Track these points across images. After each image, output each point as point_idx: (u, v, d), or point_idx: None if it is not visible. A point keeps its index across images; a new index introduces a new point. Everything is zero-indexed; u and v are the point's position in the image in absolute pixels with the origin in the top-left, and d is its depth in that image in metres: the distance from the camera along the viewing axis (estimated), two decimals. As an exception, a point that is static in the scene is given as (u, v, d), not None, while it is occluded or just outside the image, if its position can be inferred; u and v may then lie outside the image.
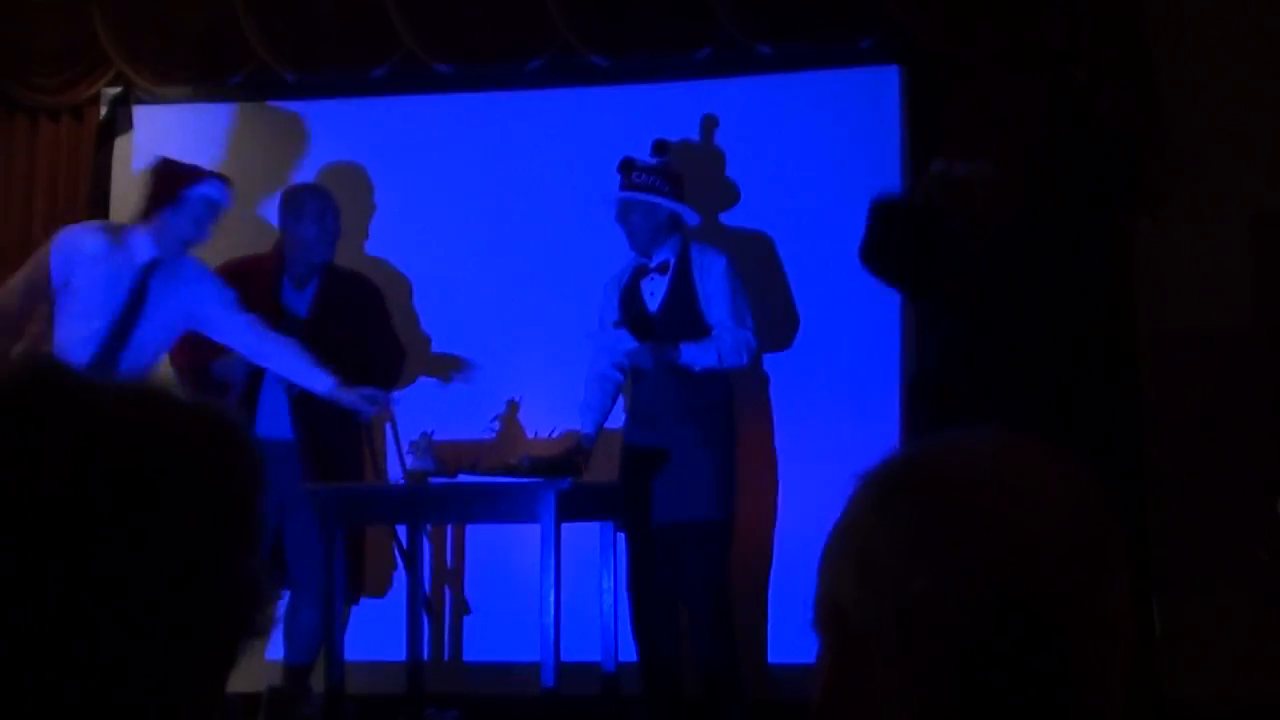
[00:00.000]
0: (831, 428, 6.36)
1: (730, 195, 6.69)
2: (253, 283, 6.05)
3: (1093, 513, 1.03)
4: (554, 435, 6.51)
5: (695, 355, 5.85)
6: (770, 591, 6.36)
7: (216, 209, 5.79)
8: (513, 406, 6.60)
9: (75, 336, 5.63)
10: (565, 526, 5.29)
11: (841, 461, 6.13)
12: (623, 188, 6.01)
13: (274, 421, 5.98)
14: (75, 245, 5.72)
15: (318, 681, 5.72)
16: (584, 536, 5.78)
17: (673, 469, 5.84)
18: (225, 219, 5.89)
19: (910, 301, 6.14)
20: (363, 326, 6.20)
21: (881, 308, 6.40)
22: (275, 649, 6.07)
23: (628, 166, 6.02)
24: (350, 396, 5.77)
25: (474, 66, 6.88)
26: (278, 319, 6.00)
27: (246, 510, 1.09)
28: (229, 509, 1.08)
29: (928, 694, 1.00)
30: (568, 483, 5.26)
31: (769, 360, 6.44)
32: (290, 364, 5.87)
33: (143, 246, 5.72)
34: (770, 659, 6.31)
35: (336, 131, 7.06)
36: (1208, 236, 6.10)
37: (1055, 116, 6.29)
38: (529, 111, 6.89)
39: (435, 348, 6.85)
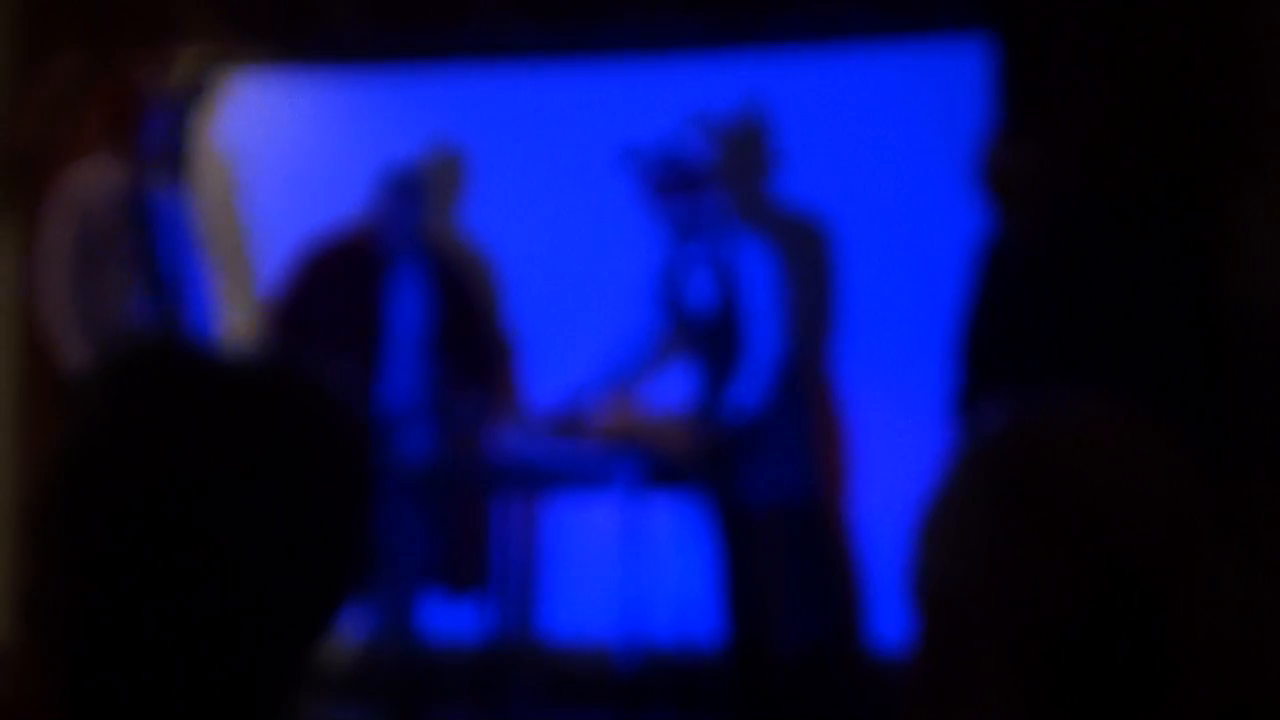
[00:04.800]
0: (896, 403, 6.25)
1: (783, 170, 6.53)
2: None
3: (1195, 487, 1.03)
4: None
5: (747, 394, 5.77)
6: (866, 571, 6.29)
7: None
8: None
9: None
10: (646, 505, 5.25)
11: (910, 438, 6.07)
12: (656, 193, 5.91)
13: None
14: None
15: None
16: (665, 514, 5.77)
17: (756, 448, 5.83)
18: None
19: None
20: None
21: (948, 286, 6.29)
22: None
23: (661, 180, 5.90)
24: None
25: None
26: None
27: (358, 491, 1.13)
28: (342, 491, 1.12)
29: (1034, 675, 1.00)
30: (644, 452, 5.23)
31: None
32: None
33: None
34: (868, 644, 6.23)
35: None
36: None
37: (1145, 77, 6.12)
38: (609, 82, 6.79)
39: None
